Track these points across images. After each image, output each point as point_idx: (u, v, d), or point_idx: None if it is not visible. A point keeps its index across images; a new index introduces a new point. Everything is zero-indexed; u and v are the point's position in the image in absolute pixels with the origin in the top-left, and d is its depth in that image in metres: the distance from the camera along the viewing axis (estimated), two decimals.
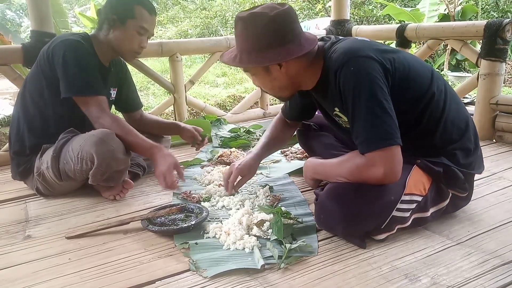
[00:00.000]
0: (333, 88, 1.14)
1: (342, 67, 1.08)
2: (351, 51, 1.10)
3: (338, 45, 1.16)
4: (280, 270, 1.04)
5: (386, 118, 1.05)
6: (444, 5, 5.52)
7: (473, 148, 1.22)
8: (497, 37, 1.96)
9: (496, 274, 0.99)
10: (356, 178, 1.11)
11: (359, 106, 1.06)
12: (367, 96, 1.05)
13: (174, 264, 1.09)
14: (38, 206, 1.52)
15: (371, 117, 1.05)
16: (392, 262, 1.05)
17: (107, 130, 1.42)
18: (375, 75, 1.06)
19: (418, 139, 1.16)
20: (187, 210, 1.34)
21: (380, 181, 1.07)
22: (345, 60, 1.09)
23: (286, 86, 1.23)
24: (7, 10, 11.16)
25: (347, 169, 1.13)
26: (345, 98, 1.10)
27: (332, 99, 1.19)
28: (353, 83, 1.07)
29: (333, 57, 1.13)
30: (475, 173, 1.25)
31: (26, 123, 1.54)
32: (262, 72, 1.19)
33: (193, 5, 9.89)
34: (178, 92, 2.46)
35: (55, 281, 1.04)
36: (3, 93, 5.39)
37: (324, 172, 1.28)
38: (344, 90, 1.09)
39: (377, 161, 1.05)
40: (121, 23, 1.51)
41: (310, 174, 1.37)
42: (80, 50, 1.46)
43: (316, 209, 1.19)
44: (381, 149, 1.04)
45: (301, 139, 1.62)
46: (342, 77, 1.08)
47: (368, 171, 1.07)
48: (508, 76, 5.30)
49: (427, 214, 1.18)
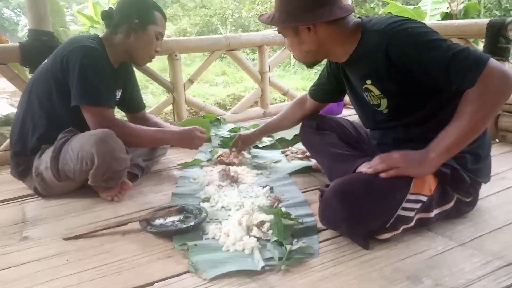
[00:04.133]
0: (376, 61, 1.15)
1: (392, 40, 1.10)
2: (392, 24, 1.12)
3: (374, 20, 1.19)
4: (281, 271, 1.03)
5: (462, 47, 1.05)
6: (446, 3, 5.51)
7: (483, 155, 1.21)
8: (500, 36, 1.94)
9: (499, 275, 0.98)
10: (490, 104, 1.03)
11: (435, 53, 1.06)
12: (434, 42, 1.06)
13: (173, 266, 1.07)
14: (35, 207, 1.50)
15: (453, 51, 1.04)
16: (394, 264, 1.04)
17: (108, 130, 1.41)
18: (423, 25, 1.12)
19: (432, 131, 1.14)
20: (186, 211, 1.33)
21: (508, 85, 1.02)
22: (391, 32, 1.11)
23: (312, 52, 1.24)
24: (5, 8, 11.13)
25: (474, 111, 1.03)
26: (415, 60, 1.09)
27: (368, 71, 1.20)
28: (413, 44, 1.08)
29: (375, 31, 1.15)
30: (480, 181, 1.24)
31: (32, 124, 1.52)
32: (292, 34, 1.22)
33: (192, 3, 9.87)
34: (177, 91, 2.44)
35: (53, 282, 1.03)
36: (0, 92, 5.36)
37: (452, 145, 1.08)
38: (407, 56, 1.09)
39: (492, 72, 1.01)
40: (142, 28, 1.55)
41: (434, 164, 1.11)
42: (98, 58, 1.47)
43: (320, 206, 1.17)
44: (487, 63, 1.02)
45: (304, 138, 1.61)
46: (397, 49, 1.10)
47: (493, 86, 1.01)
48: None
49: (431, 215, 1.17)
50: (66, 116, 1.51)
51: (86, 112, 1.46)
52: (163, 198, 1.53)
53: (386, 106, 1.23)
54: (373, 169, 1.12)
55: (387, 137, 1.31)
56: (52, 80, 1.48)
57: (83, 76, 1.42)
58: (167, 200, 1.51)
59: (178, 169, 1.85)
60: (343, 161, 1.37)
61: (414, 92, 1.17)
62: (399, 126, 1.25)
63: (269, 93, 2.82)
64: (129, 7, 1.57)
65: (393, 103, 1.22)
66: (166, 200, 1.52)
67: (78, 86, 1.42)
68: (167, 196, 1.55)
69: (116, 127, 1.45)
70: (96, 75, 1.44)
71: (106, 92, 1.48)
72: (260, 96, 2.78)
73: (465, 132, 1.06)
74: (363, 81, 1.23)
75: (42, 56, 1.79)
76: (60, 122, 1.50)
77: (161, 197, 1.54)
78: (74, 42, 1.49)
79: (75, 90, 1.43)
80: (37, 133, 1.52)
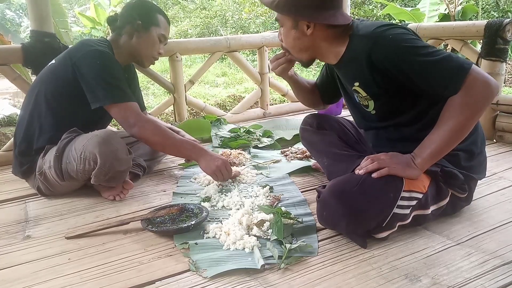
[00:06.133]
0: (361, 65, 1.16)
1: (374, 45, 1.11)
2: (376, 29, 1.13)
3: (361, 24, 1.20)
4: (280, 270, 1.04)
5: (445, 53, 1.06)
6: (444, 4, 5.51)
7: (477, 152, 1.23)
8: (498, 37, 1.95)
9: (497, 274, 0.99)
10: (472, 111, 1.06)
11: (418, 59, 1.07)
12: (416, 48, 1.07)
13: (174, 264, 1.09)
14: (37, 206, 1.52)
15: (436, 57, 1.05)
16: (392, 262, 1.05)
17: (110, 130, 1.44)
18: (407, 32, 1.12)
19: (423, 130, 1.16)
20: (186, 210, 1.34)
21: (490, 92, 1.04)
22: (374, 37, 1.12)
23: (306, 50, 1.26)
24: (7, 10, 11.16)
25: (457, 118, 1.06)
26: (397, 66, 1.10)
27: (355, 75, 1.22)
28: (394, 49, 1.09)
29: (360, 36, 1.17)
30: (474, 178, 1.25)
31: (39, 124, 1.53)
32: (289, 25, 1.23)
33: (193, 5, 9.89)
34: (178, 92, 2.46)
35: (55, 281, 1.04)
36: (2, 93, 5.38)
37: (435, 152, 1.11)
38: (389, 60, 1.11)
39: (475, 80, 1.03)
40: (145, 29, 1.58)
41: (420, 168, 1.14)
42: (111, 61, 1.49)
43: (318, 206, 1.18)
44: (469, 70, 1.03)
45: (304, 137, 1.62)
46: (379, 53, 1.11)
47: (475, 94, 1.03)
48: (509, 76, 5.29)
49: (427, 212, 1.18)
50: (74, 117, 1.53)
51: (114, 110, 1.46)
52: (164, 198, 1.54)
53: (374, 107, 1.25)
54: (364, 169, 1.14)
55: (380, 137, 1.33)
56: (61, 82, 1.50)
57: (101, 77, 1.44)
58: (168, 199, 1.53)
59: (179, 169, 1.87)
60: (343, 161, 1.38)
61: (400, 95, 1.18)
62: (389, 127, 1.27)
63: (269, 94, 2.84)
64: (132, 9, 1.61)
65: (379, 105, 1.24)
66: (167, 199, 1.53)
67: (98, 88, 1.43)
68: (168, 196, 1.56)
69: (148, 121, 1.47)
70: (113, 76, 1.46)
71: (127, 89, 1.50)
72: (260, 96, 2.79)
73: (448, 138, 1.09)
74: (352, 83, 1.25)
75: (44, 57, 1.82)
76: (67, 122, 1.52)
77: (162, 197, 1.55)
78: (86, 45, 1.50)
79: (95, 93, 1.44)
80: (43, 133, 1.53)
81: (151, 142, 1.51)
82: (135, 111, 1.47)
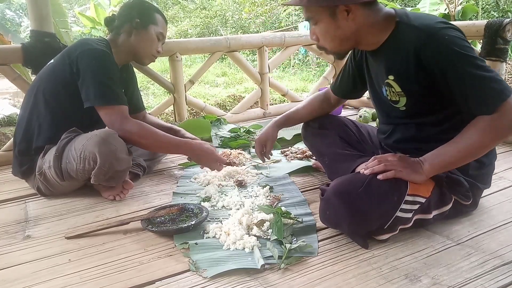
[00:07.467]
0: (405, 57, 1.11)
1: (428, 40, 1.06)
2: (435, 24, 1.08)
3: (413, 15, 1.14)
4: (280, 270, 1.04)
5: (493, 72, 1.04)
6: (444, 4, 5.52)
7: (487, 163, 1.23)
8: (498, 37, 1.95)
9: (497, 274, 0.99)
10: (497, 136, 1.05)
11: (467, 69, 1.03)
12: (469, 58, 1.03)
13: (174, 264, 1.09)
14: (37, 206, 1.52)
15: (482, 73, 1.02)
16: (392, 263, 1.05)
17: (110, 130, 1.43)
18: (462, 37, 1.07)
19: (446, 132, 1.14)
20: (186, 210, 1.34)
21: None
22: (430, 32, 1.06)
23: (347, 39, 1.17)
24: (7, 9, 11.15)
25: (481, 137, 1.05)
26: (443, 68, 1.06)
27: (393, 66, 1.16)
28: (447, 50, 1.04)
29: (413, 26, 1.10)
30: (480, 187, 1.24)
31: (38, 124, 1.54)
32: (327, 18, 1.14)
33: (193, 5, 9.89)
34: (178, 92, 2.46)
35: (55, 281, 1.04)
36: (2, 93, 5.38)
37: (448, 163, 1.11)
38: (437, 60, 1.06)
39: (509, 108, 1.00)
40: (143, 27, 1.59)
41: (427, 174, 1.13)
42: (108, 61, 1.49)
43: (321, 205, 1.17)
44: (508, 98, 1.01)
45: (306, 136, 1.62)
46: (430, 50, 1.06)
47: (506, 121, 1.02)
48: (509, 76, 5.29)
49: (429, 216, 1.17)
50: (73, 117, 1.53)
51: (102, 112, 1.46)
52: (164, 198, 1.54)
53: (405, 104, 1.20)
54: (370, 169, 1.14)
55: (396, 133, 1.30)
56: (60, 80, 1.50)
57: (95, 78, 1.44)
58: (168, 199, 1.53)
59: (179, 169, 1.87)
60: (344, 161, 1.38)
61: (435, 96, 1.14)
62: (411, 124, 1.24)
63: (269, 93, 2.83)
64: (130, 8, 1.62)
65: (412, 103, 1.18)
66: (167, 199, 1.53)
67: (91, 88, 1.44)
68: (168, 196, 1.56)
69: (134, 124, 1.47)
70: (108, 76, 1.46)
71: (119, 92, 1.50)
72: (260, 96, 2.79)
73: (465, 153, 1.08)
74: (386, 75, 1.19)
75: (44, 57, 1.81)
76: (66, 122, 1.52)
77: (162, 197, 1.55)
78: (84, 44, 1.50)
79: (88, 92, 1.44)
80: (42, 132, 1.53)
81: (140, 145, 1.51)
82: (122, 114, 1.46)
